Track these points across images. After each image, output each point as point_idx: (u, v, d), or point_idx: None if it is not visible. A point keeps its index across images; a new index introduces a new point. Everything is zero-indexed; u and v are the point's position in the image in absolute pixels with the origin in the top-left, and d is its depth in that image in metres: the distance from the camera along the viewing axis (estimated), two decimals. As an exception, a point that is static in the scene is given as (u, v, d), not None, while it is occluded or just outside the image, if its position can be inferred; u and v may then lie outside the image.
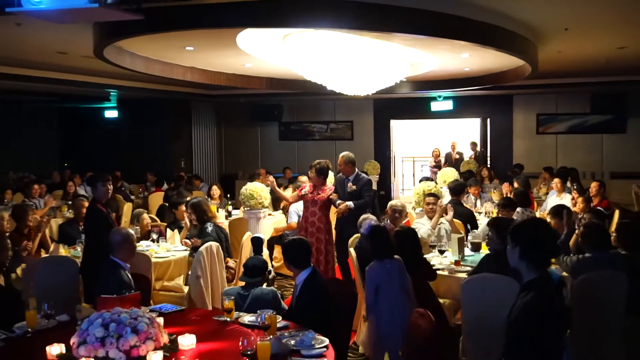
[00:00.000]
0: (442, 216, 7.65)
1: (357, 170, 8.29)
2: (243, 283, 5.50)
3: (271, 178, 8.82)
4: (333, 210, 8.27)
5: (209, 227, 7.74)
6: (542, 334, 3.25)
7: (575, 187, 10.41)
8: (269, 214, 10.53)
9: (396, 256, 5.43)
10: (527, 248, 3.37)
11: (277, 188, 8.75)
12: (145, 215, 9.00)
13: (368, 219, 6.48)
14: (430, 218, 7.76)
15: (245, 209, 10.14)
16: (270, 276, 6.63)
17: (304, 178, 12.05)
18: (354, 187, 7.91)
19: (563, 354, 3.39)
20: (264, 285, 5.48)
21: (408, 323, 5.23)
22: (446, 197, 9.32)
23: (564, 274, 5.97)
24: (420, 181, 11.87)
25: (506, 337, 3.38)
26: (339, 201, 7.92)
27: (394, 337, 5.17)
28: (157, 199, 13.16)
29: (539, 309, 3.25)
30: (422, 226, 7.59)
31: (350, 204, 7.72)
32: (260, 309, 4.50)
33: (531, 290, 3.31)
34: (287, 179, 13.68)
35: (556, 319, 3.32)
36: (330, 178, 9.28)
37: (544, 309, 3.26)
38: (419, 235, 6.62)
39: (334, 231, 8.30)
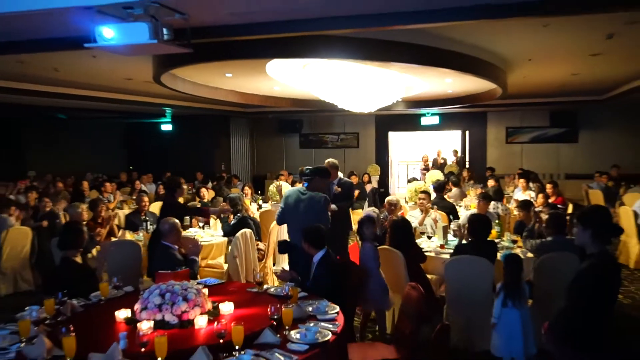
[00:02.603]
0: (428, 214, 7.65)
1: (340, 174, 7.87)
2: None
3: (276, 182, 8.40)
4: None
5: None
6: (597, 289, 3.24)
7: (534, 187, 10.35)
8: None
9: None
10: (597, 229, 3.31)
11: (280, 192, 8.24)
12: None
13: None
14: (422, 210, 7.75)
15: (272, 202, 10.20)
16: None
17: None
18: (339, 189, 7.36)
19: (611, 313, 3.39)
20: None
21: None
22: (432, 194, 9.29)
23: (529, 255, 5.96)
24: (409, 181, 11.89)
25: (567, 293, 3.34)
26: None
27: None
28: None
29: (594, 271, 3.25)
30: (414, 218, 7.58)
31: (334, 206, 6.91)
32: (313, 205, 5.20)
33: (593, 258, 3.29)
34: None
35: (609, 279, 3.31)
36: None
37: (597, 273, 3.25)
38: (413, 225, 6.61)
39: None
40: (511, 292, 4.72)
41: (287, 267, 5.85)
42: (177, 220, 5.57)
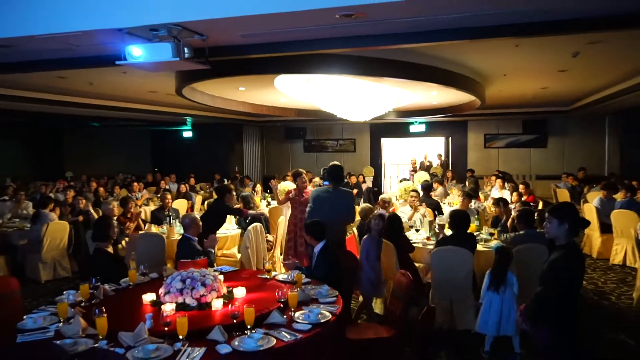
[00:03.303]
0: (417, 210, 7.64)
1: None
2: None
3: (273, 182, 8.21)
4: None
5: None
6: (566, 277, 3.26)
7: (509, 187, 10.35)
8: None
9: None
10: (574, 223, 3.32)
11: (276, 191, 8.02)
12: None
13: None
14: (411, 207, 7.74)
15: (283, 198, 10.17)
16: None
17: (316, 179, 12.03)
18: None
19: (578, 297, 3.43)
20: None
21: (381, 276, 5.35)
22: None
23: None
24: (400, 181, 11.90)
25: (541, 280, 3.34)
26: None
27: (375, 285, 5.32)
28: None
29: (567, 260, 3.25)
30: (404, 214, 7.57)
31: None
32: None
33: (563, 249, 3.29)
34: (309, 179, 13.66)
35: (577, 268, 3.33)
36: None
37: (569, 262, 3.26)
38: (403, 220, 6.61)
39: None
40: (496, 278, 4.73)
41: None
42: (196, 216, 5.58)
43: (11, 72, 5.96)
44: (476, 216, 7.19)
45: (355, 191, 12.90)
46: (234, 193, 8.40)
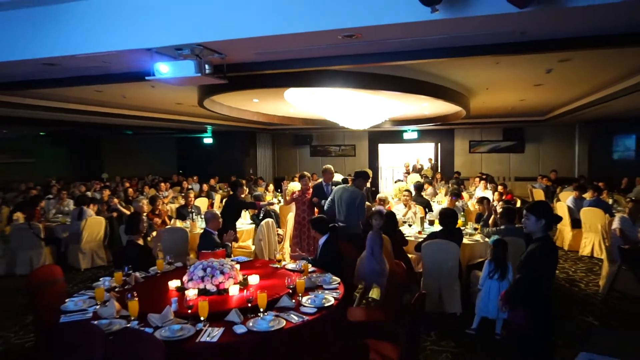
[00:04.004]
0: (410, 208, 7.61)
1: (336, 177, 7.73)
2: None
3: (284, 183, 8.11)
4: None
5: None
6: (544, 265, 3.28)
7: (491, 187, 10.32)
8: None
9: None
10: (550, 219, 3.33)
11: (285, 193, 7.92)
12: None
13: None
14: (405, 205, 7.71)
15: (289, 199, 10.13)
16: None
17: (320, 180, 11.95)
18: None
19: (551, 283, 3.44)
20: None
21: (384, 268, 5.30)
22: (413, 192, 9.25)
23: (487, 239, 5.92)
24: (395, 182, 11.88)
25: (518, 270, 3.37)
26: (323, 201, 6.70)
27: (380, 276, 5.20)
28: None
29: (542, 252, 3.26)
30: (398, 211, 7.54)
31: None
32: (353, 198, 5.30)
33: (539, 242, 3.30)
34: (314, 180, 13.63)
35: (551, 258, 3.34)
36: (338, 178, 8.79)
37: (544, 253, 3.27)
38: (397, 216, 6.58)
39: None
40: (496, 267, 4.70)
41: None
42: (217, 212, 5.58)
43: (57, 87, 5.99)
44: (462, 213, 7.16)
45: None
46: (246, 189, 8.40)
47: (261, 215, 7.76)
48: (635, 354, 2.62)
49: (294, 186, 9.76)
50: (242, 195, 7.17)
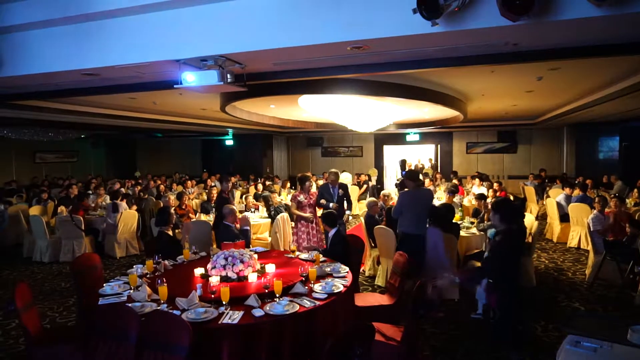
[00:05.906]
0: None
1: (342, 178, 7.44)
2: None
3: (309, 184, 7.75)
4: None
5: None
6: (508, 254, 3.53)
7: (485, 185, 10.21)
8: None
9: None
10: (504, 214, 3.57)
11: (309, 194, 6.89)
12: (250, 198, 8.87)
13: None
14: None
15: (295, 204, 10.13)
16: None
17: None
18: (342, 191, 6.54)
19: (518, 270, 3.75)
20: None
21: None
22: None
23: (484, 232, 5.88)
24: (398, 180, 11.81)
25: (485, 260, 3.64)
26: (331, 204, 6.32)
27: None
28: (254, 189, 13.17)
29: (506, 242, 3.51)
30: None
31: (335, 204, 6.32)
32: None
33: (502, 234, 3.54)
34: (324, 179, 13.62)
35: (514, 247, 3.58)
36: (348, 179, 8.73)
37: (508, 242, 3.51)
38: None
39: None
40: None
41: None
42: (234, 207, 5.61)
43: (97, 94, 6.05)
44: (460, 208, 7.09)
45: (364, 187, 12.85)
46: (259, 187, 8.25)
47: (273, 211, 7.78)
48: (618, 335, 2.62)
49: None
50: (227, 190, 7.00)
